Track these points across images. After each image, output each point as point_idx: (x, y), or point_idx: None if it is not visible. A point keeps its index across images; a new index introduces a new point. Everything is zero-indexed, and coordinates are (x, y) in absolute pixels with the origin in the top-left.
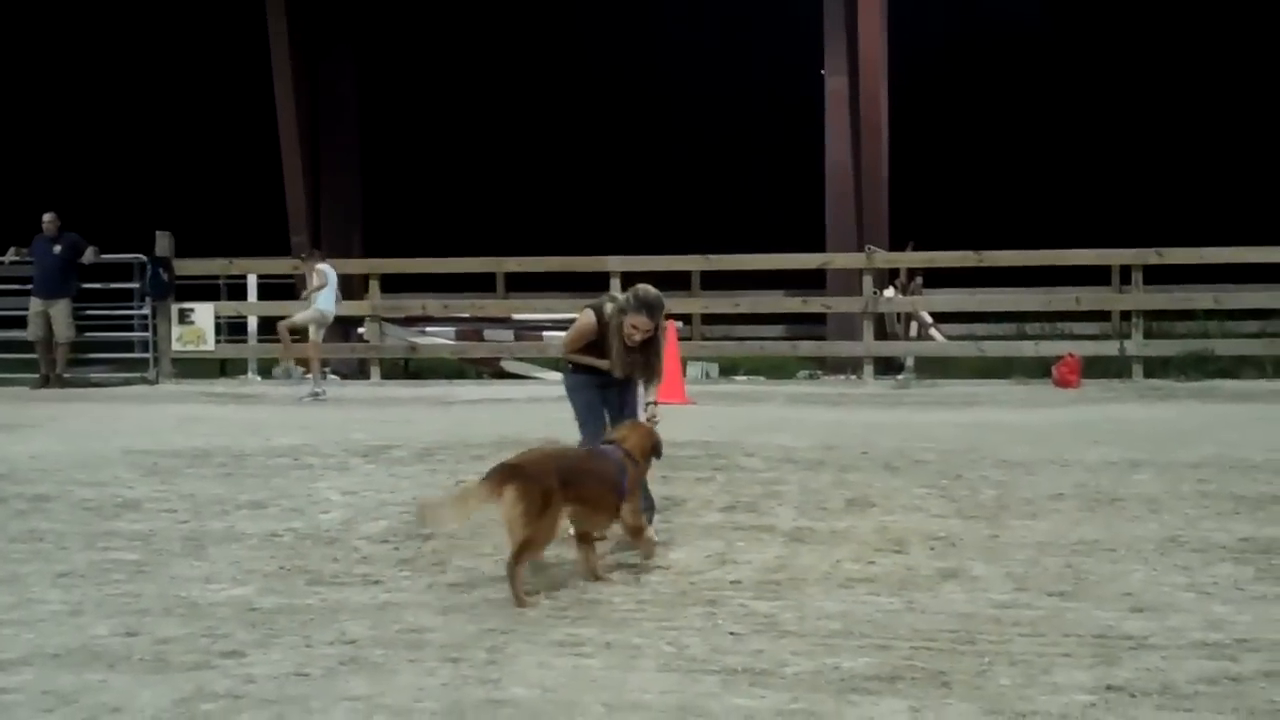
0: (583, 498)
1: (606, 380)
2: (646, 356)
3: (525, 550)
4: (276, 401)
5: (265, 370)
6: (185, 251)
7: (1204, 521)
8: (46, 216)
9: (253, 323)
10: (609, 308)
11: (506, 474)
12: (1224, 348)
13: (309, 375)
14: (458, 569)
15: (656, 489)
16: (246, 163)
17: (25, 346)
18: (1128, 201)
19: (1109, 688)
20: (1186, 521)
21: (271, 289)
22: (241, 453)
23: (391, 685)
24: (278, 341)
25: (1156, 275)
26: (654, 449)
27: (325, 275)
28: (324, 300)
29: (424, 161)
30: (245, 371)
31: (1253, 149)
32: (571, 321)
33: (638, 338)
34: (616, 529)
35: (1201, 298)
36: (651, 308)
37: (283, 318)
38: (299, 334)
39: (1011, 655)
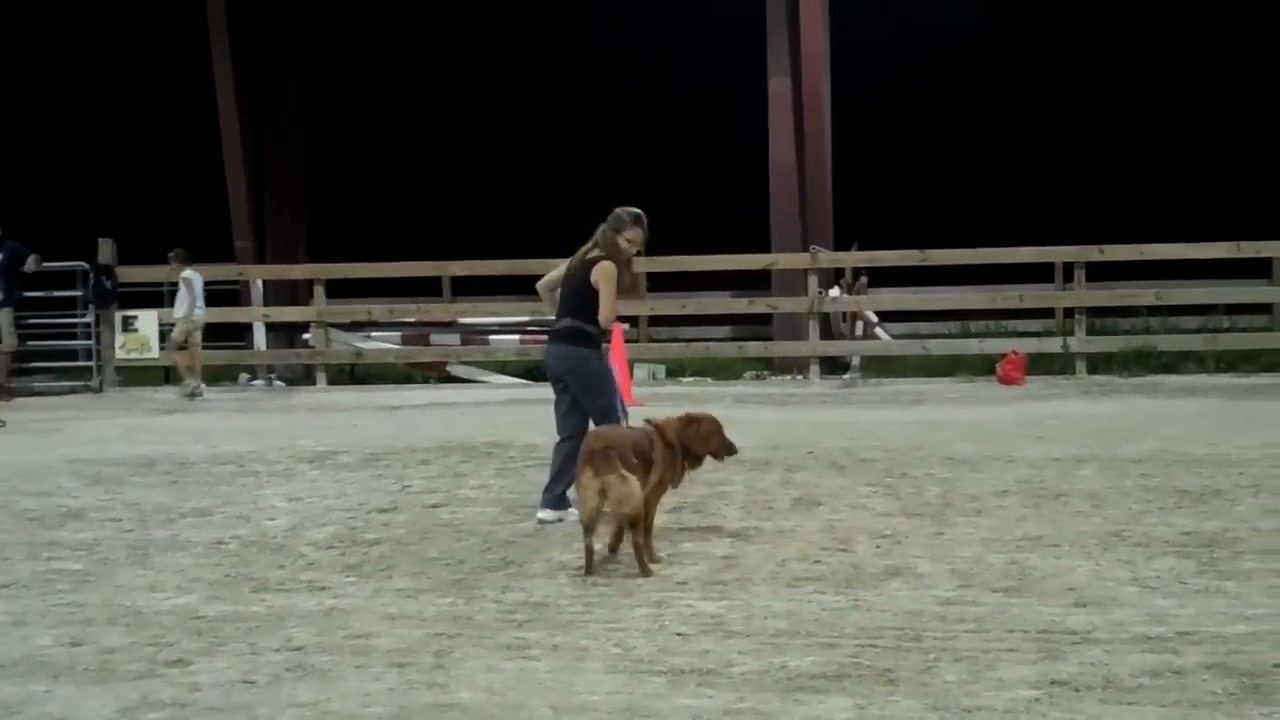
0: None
1: None
2: (634, 274)
3: (641, 521)
4: (221, 409)
5: (211, 378)
6: (128, 259)
7: (1147, 516)
8: None
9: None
10: (605, 239)
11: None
12: (1166, 343)
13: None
14: (404, 574)
15: None
16: (189, 169)
17: None
18: (1070, 199)
19: (1053, 682)
20: (1129, 516)
21: (216, 295)
22: (186, 460)
23: (338, 691)
24: (222, 349)
25: (1099, 272)
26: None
27: (190, 282)
28: (187, 308)
29: (368, 166)
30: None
31: (1192, 146)
32: (517, 325)
33: (634, 251)
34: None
35: (1144, 294)
36: (641, 219)
37: (227, 324)
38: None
39: (956, 651)
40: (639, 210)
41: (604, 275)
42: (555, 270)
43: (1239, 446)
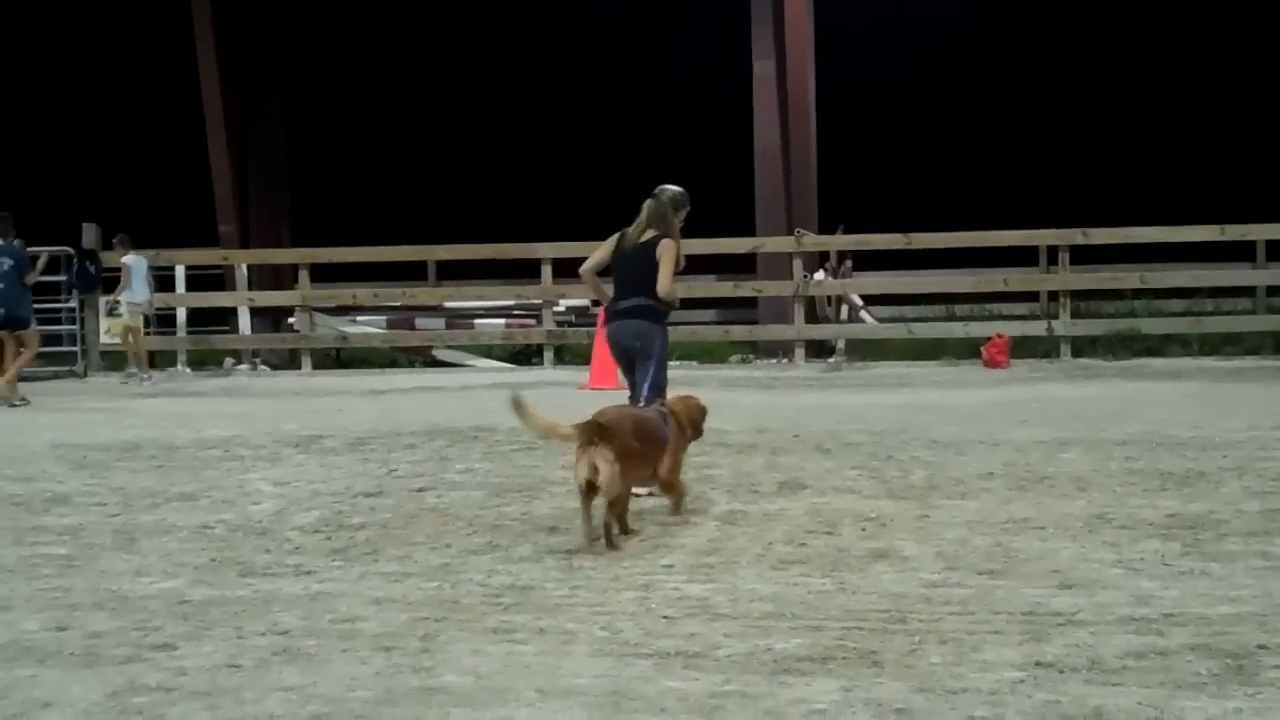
0: (644, 454)
1: None
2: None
3: (621, 502)
4: (207, 393)
5: (195, 362)
6: (112, 243)
7: (1131, 498)
8: None
9: (181, 314)
10: (663, 217)
11: (596, 430)
12: (1150, 326)
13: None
14: (390, 558)
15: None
16: (173, 154)
17: None
18: (1054, 183)
19: (1038, 664)
20: (1114, 498)
21: (200, 280)
22: (172, 445)
23: (324, 675)
24: (208, 332)
25: (1083, 255)
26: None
27: (128, 268)
28: (134, 294)
29: (353, 150)
30: (175, 364)
31: (1176, 129)
32: (503, 309)
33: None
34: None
35: (1128, 277)
36: (687, 196)
37: (211, 309)
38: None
39: (942, 634)
40: (675, 188)
41: (668, 251)
42: (598, 254)
43: (1223, 429)
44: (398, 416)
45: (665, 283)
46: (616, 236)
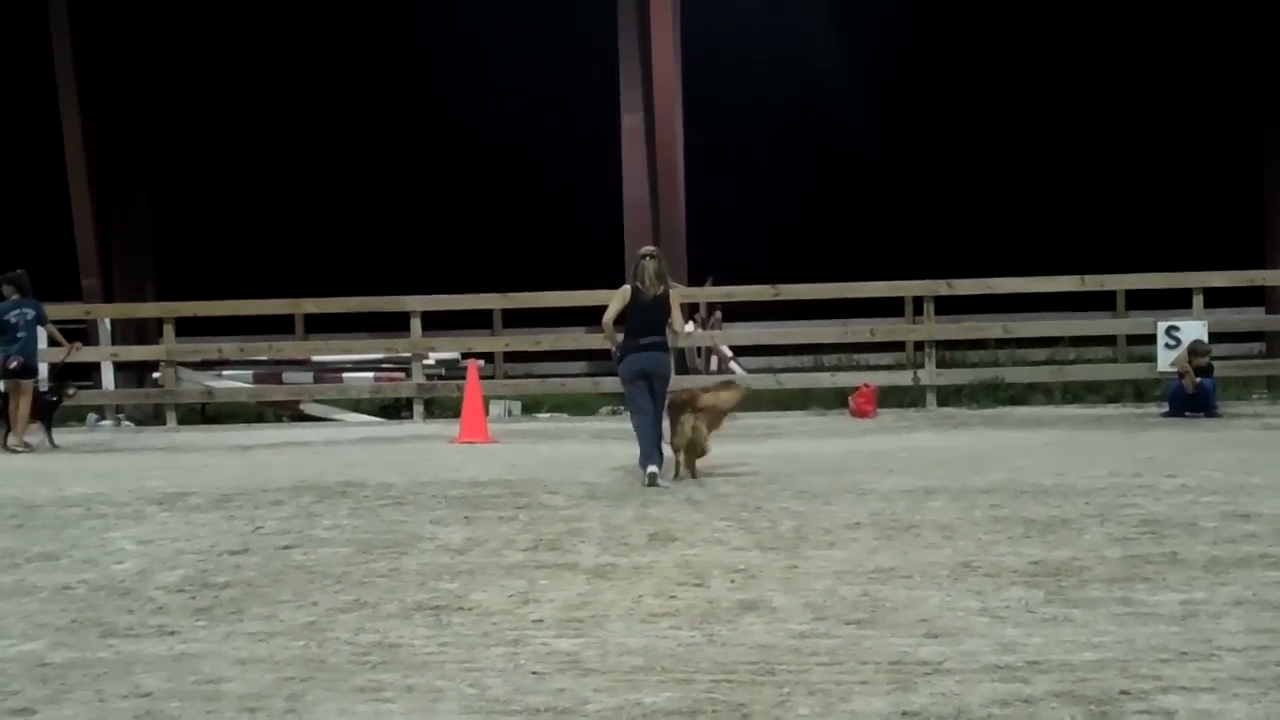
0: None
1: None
2: None
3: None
4: (69, 450)
5: (59, 419)
6: None
7: (996, 546)
8: None
9: (43, 369)
10: (665, 274)
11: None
12: (1014, 375)
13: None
14: (256, 616)
15: (460, 530)
16: (34, 205)
17: None
18: (918, 234)
19: (905, 713)
20: (979, 546)
21: (62, 334)
22: (32, 504)
23: None
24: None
25: (947, 306)
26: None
27: None
28: None
29: (218, 203)
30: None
31: (1036, 182)
32: (371, 362)
33: None
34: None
35: (991, 327)
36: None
37: (75, 364)
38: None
39: (810, 684)
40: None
41: (680, 299)
42: (614, 307)
43: (1085, 476)
44: (264, 472)
45: (682, 323)
46: (629, 290)
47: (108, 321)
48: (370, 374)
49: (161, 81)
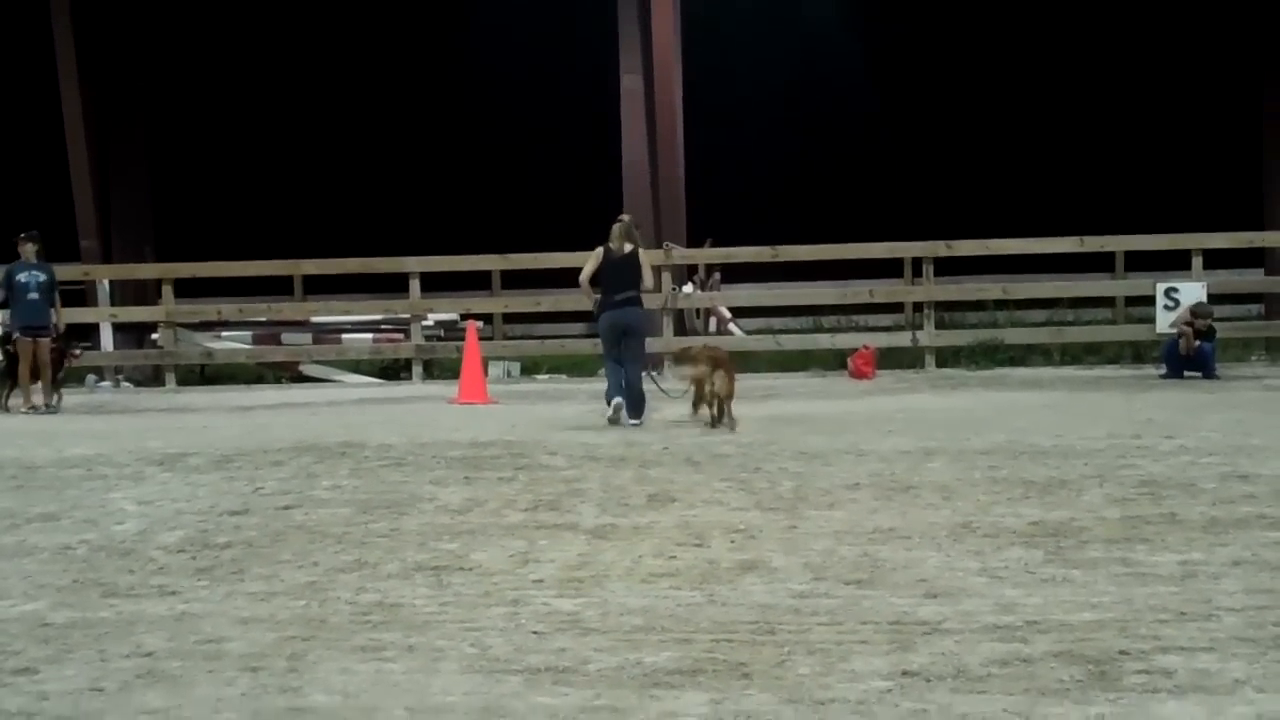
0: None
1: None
2: None
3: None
4: (69, 411)
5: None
6: None
7: (995, 507)
8: None
9: None
10: (634, 234)
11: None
12: (1013, 337)
13: None
14: (257, 577)
15: (459, 490)
16: (33, 167)
17: None
18: (918, 195)
19: (905, 673)
20: (978, 507)
21: (62, 295)
22: (32, 464)
23: (190, 697)
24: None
25: (947, 267)
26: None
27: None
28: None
29: (217, 163)
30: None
31: (1037, 142)
32: (370, 323)
33: None
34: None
35: (991, 288)
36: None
37: (74, 325)
38: None
39: (810, 644)
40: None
41: (649, 258)
42: (589, 267)
43: (1084, 437)
44: (264, 433)
45: (651, 280)
46: (600, 251)
47: (106, 283)
48: (369, 335)
49: (159, 44)
